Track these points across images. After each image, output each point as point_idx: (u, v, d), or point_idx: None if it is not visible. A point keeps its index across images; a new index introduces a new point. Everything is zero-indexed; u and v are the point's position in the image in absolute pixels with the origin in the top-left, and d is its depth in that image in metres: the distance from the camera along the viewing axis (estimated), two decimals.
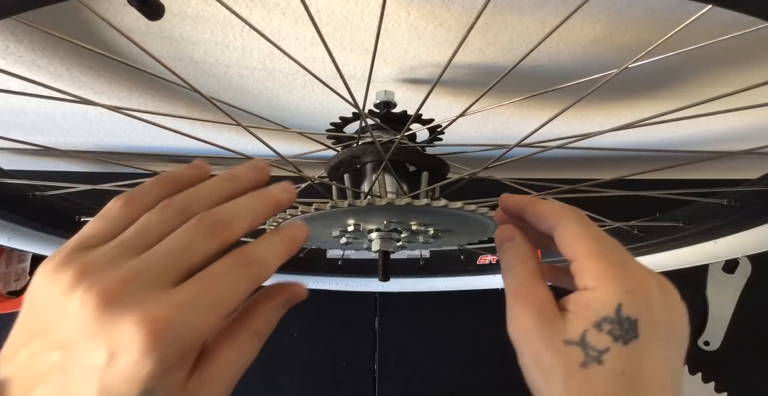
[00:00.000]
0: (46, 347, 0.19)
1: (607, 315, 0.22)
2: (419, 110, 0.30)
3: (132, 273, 0.19)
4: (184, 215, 0.21)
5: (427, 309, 0.78)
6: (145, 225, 0.21)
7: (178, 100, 0.52)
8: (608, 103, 0.53)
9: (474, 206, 0.30)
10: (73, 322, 0.18)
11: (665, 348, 0.22)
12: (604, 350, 0.21)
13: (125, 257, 0.20)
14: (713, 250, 0.47)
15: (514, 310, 0.24)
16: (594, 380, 0.21)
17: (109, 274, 0.19)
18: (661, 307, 0.22)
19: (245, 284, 0.21)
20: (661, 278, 0.23)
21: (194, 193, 0.22)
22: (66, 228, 0.47)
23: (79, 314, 0.18)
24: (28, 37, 0.38)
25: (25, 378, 0.19)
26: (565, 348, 0.22)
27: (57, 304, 0.19)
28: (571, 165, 0.80)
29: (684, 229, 0.49)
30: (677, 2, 0.33)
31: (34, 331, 0.19)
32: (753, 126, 0.61)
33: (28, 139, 0.28)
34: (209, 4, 0.34)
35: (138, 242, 0.20)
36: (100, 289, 0.18)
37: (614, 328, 0.22)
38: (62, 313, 0.19)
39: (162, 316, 0.18)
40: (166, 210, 0.21)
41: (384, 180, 0.36)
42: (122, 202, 0.22)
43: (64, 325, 0.19)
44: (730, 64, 0.42)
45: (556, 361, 0.22)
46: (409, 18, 0.35)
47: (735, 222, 0.43)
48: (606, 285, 0.22)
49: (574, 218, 0.24)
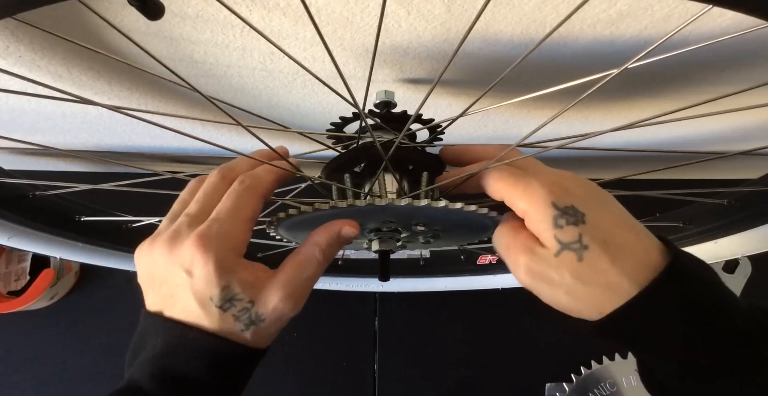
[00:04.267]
0: (157, 285, 0.28)
1: (553, 214, 0.26)
2: (419, 110, 0.30)
3: (182, 222, 0.29)
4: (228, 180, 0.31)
5: (427, 309, 0.78)
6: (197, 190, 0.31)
7: (178, 100, 0.52)
8: (608, 103, 0.53)
9: (474, 206, 0.30)
10: (165, 266, 0.28)
11: (606, 208, 0.27)
12: (579, 236, 0.25)
13: (193, 222, 0.29)
14: (713, 250, 0.47)
15: (512, 264, 0.28)
16: (595, 262, 0.25)
17: (169, 231, 0.28)
18: (576, 187, 0.27)
19: (246, 193, 0.29)
20: (559, 171, 0.29)
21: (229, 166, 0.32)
22: (66, 228, 0.47)
23: (160, 259, 0.28)
24: (28, 37, 0.38)
25: (162, 303, 0.28)
26: (558, 258, 0.26)
27: (159, 262, 0.28)
28: (571, 165, 0.80)
29: (684, 229, 0.49)
30: (677, 2, 0.33)
31: (152, 279, 0.29)
32: (753, 126, 0.61)
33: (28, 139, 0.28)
34: (209, 4, 0.34)
35: (191, 207, 0.30)
36: (167, 241, 0.28)
37: (568, 218, 0.26)
38: (159, 266, 0.28)
39: (202, 233, 0.27)
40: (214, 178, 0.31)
41: (384, 180, 0.36)
42: (193, 181, 0.33)
43: (162, 271, 0.28)
44: (730, 64, 0.42)
45: (559, 270, 0.26)
46: (409, 18, 0.35)
47: (735, 222, 0.43)
48: (532, 198, 0.27)
49: (491, 173, 0.29)
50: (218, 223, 0.28)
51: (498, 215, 0.31)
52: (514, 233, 0.28)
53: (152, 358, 0.27)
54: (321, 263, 0.30)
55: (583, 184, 0.28)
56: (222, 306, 0.27)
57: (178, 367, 0.26)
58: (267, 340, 0.29)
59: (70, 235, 0.48)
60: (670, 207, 0.51)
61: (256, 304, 0.27)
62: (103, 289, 0.77)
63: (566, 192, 0.26)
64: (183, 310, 0.27)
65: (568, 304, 0.26)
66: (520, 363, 0.75)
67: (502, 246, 0.29)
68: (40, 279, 0.69)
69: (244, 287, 0.27)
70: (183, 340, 0.27)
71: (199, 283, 0.26)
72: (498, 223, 0.32)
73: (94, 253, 0.53)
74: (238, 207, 0.29)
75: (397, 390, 0.74)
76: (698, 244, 0.48)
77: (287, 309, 0.28)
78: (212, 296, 0.27)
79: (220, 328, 0.27)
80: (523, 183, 0.27)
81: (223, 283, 0.26)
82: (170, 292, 0.28)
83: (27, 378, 0.72)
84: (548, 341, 0.75)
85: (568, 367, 0.73)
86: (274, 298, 0.28)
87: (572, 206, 0.26)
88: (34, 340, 0.74)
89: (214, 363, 0.27)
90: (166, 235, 0.28)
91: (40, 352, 0.73)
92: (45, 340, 0.74)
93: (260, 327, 0.28)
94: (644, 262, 0.25)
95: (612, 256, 0.25)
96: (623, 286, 0.25)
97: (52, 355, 0.73)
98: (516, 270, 0.28)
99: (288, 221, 0.33)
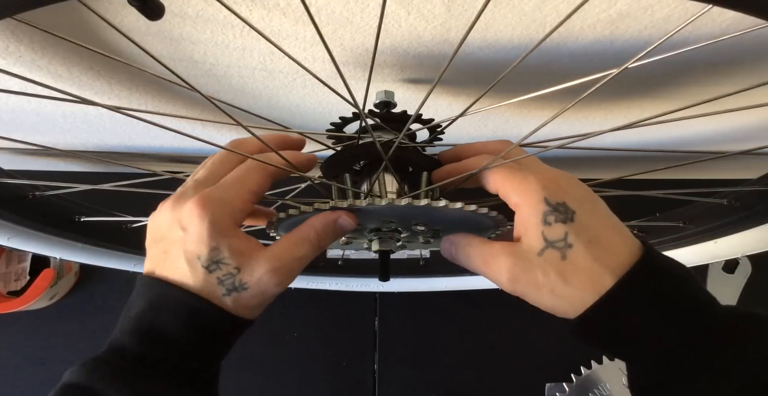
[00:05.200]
0: (156, 242, 0.29)
1: (544, 210, 0.26)
2: (419, 110, 0.30)
3: (189, 185, 0.30)
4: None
5: (427, 309, 0.78)
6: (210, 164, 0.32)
7: (178, 100, 0.52)
8: (608, 103, 0.53)
9: (474, 206, 0.30)
10: (166, 223, 0.29)
11: (596, 209, 0.27)
12: (565, 235, 0.26)
13: (199, 186, 0.30)
14: (713, 250, 0.47)
15: (492, 272, 0.28)
16: (578, 260, 0.25)
17: (176, 193, 0.30)
18: (571, 186, 0.27)
19: (256, 167, 0.30)
20: (556, 169, 0.29)
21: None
22: (66, 228, 0.47)
23: (164, 217, 0.29)
24: (28, 37, 0.38)
25: (155, 261, 0.29)
26: (542, 257, 0.26)
27: (162, 220, 0.29)
28: (571, 165, 0.80)
29: (684, 229, 0.49)
30: (677, 2, 0.33)
31: (154, 237, 0.30)
32: (753, 126, 0.61)
33: (28, 139, 0.28)
34: (209, 4, 0.34)
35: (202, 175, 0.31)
36: (173, 200, 0.29)
37: (557, 215, 0.26)
38: (161, 223, 0.29)
39: (204, 194, 0.28)
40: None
41: (384, 180, 0.36)
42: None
43: (163, 228, 0.29)
44: (730, 64, 0.42)
45: (544, 269, 0.26)
46: (409, 18, 0.35)
47: (735, 222, 0.43)
48: (526, 193, 0.27)
49: (491, 169, 0.30)
50: (222, 189, 0.29)
51: (498, 215, 0.31)
52: (488, 245, 0.29)
53: (135, 316, 0.27)
54: (314, 246, 0.30)
55: (578, 184, 0.28)
56: (208, 267, 0.27)
57: (158, 325, 0.27)
58: (248, 312, 0.29)
59: (70, 236, 0.48)
60: (670, 207, 0.51)
61: (242, 271, 0.28)
62: (103, 289, 0.77)
63: (560, 188, 0.27)
64: (172, 267, 0.28)
65: (553, 304, 0.27)
66: (520, 363, 0.75)
67: (478, 259, 0.29)
68: (40, 279, 0.69)
69: (233, 253, 0.28)
70: (165, 299, 0.27)
71: (191, 240, 0.27)
72: (498, 222, 0.32)
73: (94, 253, 0.53)
74: (244, 177, 0.30)
75: (397, 390, 0.74)
76: (698, 243, 0.48)
77: (272, 283, 0.28)
78: (200, 255, 0.27)
79: (202, 288, 0.27)
80: (518, 177, 0.28)
81: (213, 244, 0.27)
82: (165, 248, 0.29)
83: (27, 378, 0.72)
84: (548, 341, 0.75)
85: (568, 367, 0.73)
86: (260, 269, 0.28)
87: (564, 203, 0.26)
88: (34, 340, 0.74)
89: (192, 322, 0.27)
90: (173, 195, 0.30)
91: (40, 352, 0.73)
92: (45, 340, 0.74)
93: (242, 295, 0.28)
94: (626, 261, 0.25)
95: (594, 255, 0.25)
96: (605, 283, 0.25)
97: (52, 355, 0.73)
98: (498, 277, 0.28)
99: (288, 221, 0.33)
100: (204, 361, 0.29)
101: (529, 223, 0.27)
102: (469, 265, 0.31)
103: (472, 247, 0.30)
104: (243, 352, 0.73)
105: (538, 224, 0.26)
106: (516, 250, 0.27)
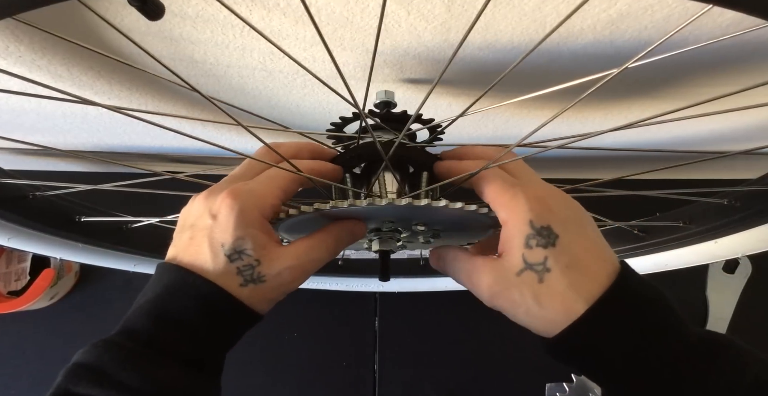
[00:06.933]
0: (184, 230, 0.30)
1: (527, 233, 0.27)
2: (419, 110, 0.30)
3: (224, 180, 0.32)
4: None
5: (427, 309, 0.78)
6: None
7: (178, 100, 0.52)
8: (608, 103, 0.53)
9: (474, 206, 0.30)
10: (197, 211, 0.30)
11: (581, 233, 0.27)
12: (544, 259, 0.26)
13: (233, 181, 0.31)
14: (713, 250, 0.47)
15: (474, 287, 0.29)
16: (553, 285, 0.26)
17: (218, 187, 0.30)
18: (560, 207, 0.28)
19: (282, 170, 0.31)
20: (549, 187, 0.29)
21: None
22: (66, 228, 0.47)
23: (195, 206, 0.30)
24: (28, 37, 0.38)
25: (179, 248, 0.30)
26: (519, 278, 0.27)
27: (194, 209, 0.30)
28: (571, 165, 0.80)
29: (684, 229, 0.49)
30: (677, 2, 0.33)
31: (183, 225, 0.31)
32: (753, 126, 0.61)
33: (28, 139, 0.28)
34: (209, 4, 0.34)
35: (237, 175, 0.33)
36: (207, 191, 0.30)
37: (539, 240, 0.26)
38: (193, 212, 0.30)
39: (237, 186, 0.29)
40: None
41: (384, 180, 0.36)
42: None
43: (193, 216, 0.30)
44: (730, 64, 0.42)
45: (520, 290, 0.27)
46: (409, 18, 0.35)
47: (735, 222, 0.43)
48: (513, 212, 0.28)
49: (485, 176, 0.30)
50: (254, 183, 0.30)
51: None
52: (472, 260, 0.30)
53: (150, 299, 0.28)
54: (330, 251, 0.31)
55: (567, 204, 0.29)
56: (230, 256, 0.28)
57: (172, 310, 0.27)
58: (262, 305, 0.30)
59: (70, 236, 0.48)
60: (670, 207, 0.51)
61: (262, 264, 0.29)
62: (103, 289, 0.77)
63: (548, 210, 0.27)
64: (194, 253, 0.29)
65: (527, 323, 0.27)
66: (520, 363, 0.75)
67: (462, 274, 0.31)
68: (40, 279, 0.69)
69: (257, 245, 0.28)
70: (182, 284, 0.28)
71: (218, 228, 0.28)
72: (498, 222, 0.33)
73: (94, 253, 0.53)
74: (276, 176, 0.31)
75: (397, 390, 0.74)
76: (698, 243, 0.48)
77: (288, 279, 0.29)
78: (224, 243, 0.28)
79: (220, 277, 0.28)
80: (510, 193, 0.28)
81: (239, 234, 0.28)
82: (191, 235, 0.29)
83: (27, 378, 0.72)
84: None
85: (568, 367, 0.73)
86: (279, 265, 0.29)
87: (548, 227, 0.27)
88: (34, 340, 0.74)
89: (206, 309, 0.28)
90: (207, 189, 0.31)
91: (40, 352, 0.73)
92: (45, 340, 0.74)
93: (258, 287, 0.29)
94: (600, 287, 0.26)
95: (570, 281, 0.26)
96: (576, 309, 0.25)
97: (52, 355, 0.73)
98: (479, 292, 0.29)
99: (288, 221, 0.33)
100: (213, 350, 0.29)
101: (512, 243, 0.27)
102: (455, 278, 0.32)
103: (457, 262, 0.31)
104: (243, 352, 0.73)
105: (520, 246, 0.27)
106: (497, 266, 0.28)
